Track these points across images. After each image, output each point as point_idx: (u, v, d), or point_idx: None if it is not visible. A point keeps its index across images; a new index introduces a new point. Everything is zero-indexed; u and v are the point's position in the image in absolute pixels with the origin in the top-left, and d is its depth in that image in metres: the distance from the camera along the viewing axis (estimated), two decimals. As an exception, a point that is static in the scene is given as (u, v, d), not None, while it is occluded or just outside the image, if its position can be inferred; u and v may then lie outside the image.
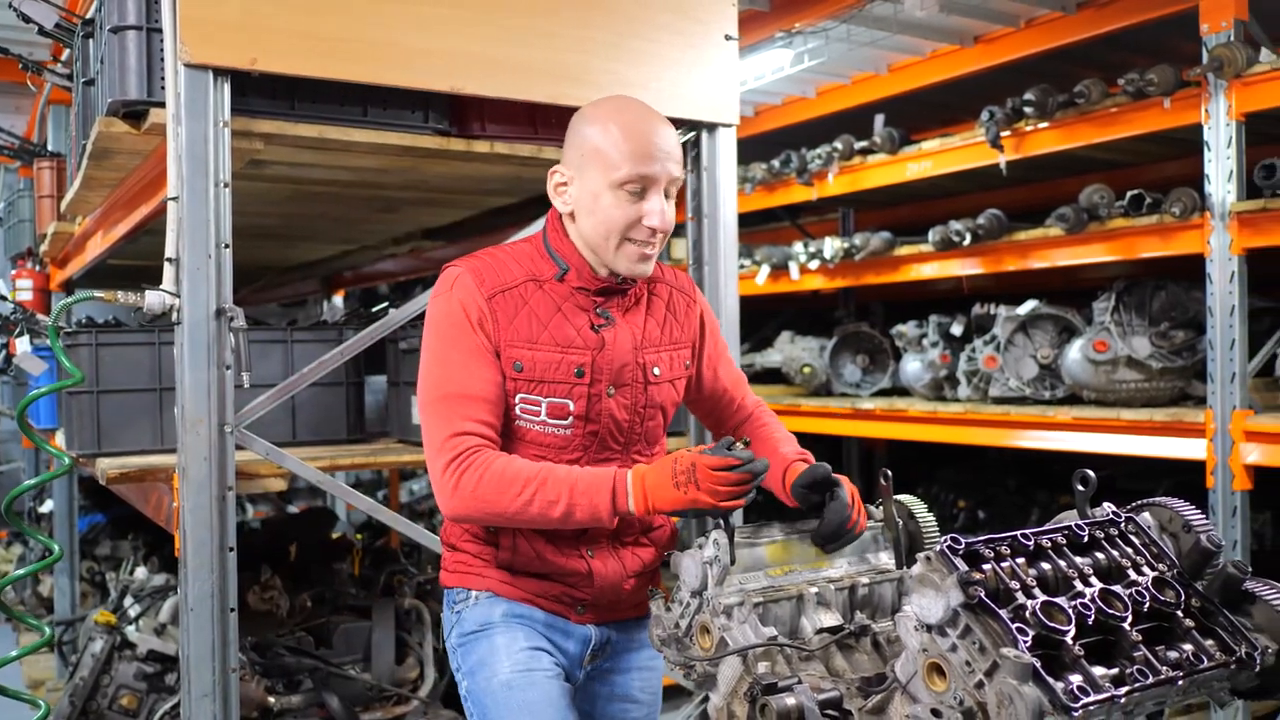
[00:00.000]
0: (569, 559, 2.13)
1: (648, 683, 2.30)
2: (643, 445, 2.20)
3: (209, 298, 2.70)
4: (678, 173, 2.08)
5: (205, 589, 2.71)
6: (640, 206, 2.04)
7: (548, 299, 2.10)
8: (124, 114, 2.79)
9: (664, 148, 2.05)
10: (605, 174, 2.04)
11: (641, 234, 2.05)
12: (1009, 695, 1.35)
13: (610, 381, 2.10)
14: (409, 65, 2.88)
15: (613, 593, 2.17)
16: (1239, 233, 3.86)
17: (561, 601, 2.17)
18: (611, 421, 2.12)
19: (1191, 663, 1.48)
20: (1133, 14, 4.19)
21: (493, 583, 2.17)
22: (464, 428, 2.01)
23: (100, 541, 6.45)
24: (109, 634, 4.28)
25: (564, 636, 2.19)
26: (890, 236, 5.42)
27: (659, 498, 1.91)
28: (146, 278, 2.93)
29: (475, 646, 2.16)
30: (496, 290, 2.07)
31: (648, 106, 2.15)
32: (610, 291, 2.13)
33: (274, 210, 4.20)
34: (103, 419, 3.44)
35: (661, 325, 2.21)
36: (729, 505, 1.87)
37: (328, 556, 4.81)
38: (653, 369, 2.16)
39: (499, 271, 2.10)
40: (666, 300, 2.24)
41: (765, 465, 1.89)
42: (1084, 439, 4.45)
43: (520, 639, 2.13)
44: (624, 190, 2.03)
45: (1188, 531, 1.65)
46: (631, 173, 2.02)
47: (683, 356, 2.24)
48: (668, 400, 2.21)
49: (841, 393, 5.88)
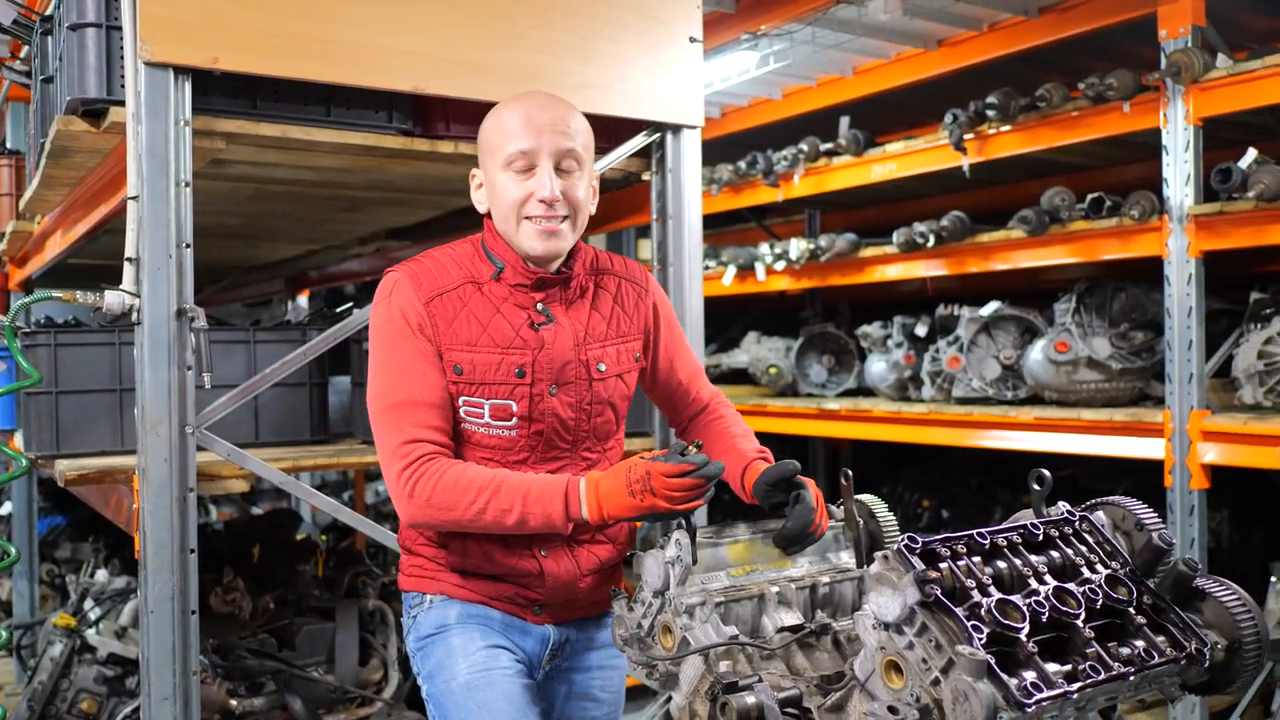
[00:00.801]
0: (520, 559, 2.12)
1: (609, 681, 2.29)
2: (593, 443, 2.17)
3: (170, 298, 2.69)
4: (567, 145, 2.06)
5: (166, 591, 2.69)
6: (529, 182, 2.06)
7: (486, 300, 2.10)
8: (83, 112, 2.77)
9: (544, 121, 2.06)
10: (495, 159, 2.08)
11: (536, 209, 2.05)
12: (964, 692, 1.37)
13: (552, 380, 2.09)
14: (372, 65, 2.87)
15: (567, 592, 2.16)
16: (1196, 235, 3.91)
17: (516, 603, 2.17)
18: (556, 421, 2.10)
19: (1143, 659, 1.50)
20: (1093, 19, 4.24)
21: (447, 586, 2.17)
22: (415, 435, 2.01)
23: (60, 544, 6.37)
24: (69, 637, 4.23)
25: (522, 635, 2.18)
26: (855, 238, 5.45)
27: (614, 505, 1.90)
28: (107, 277, 2.91)
29: (433, 650, 2.16)
30: (434, 294, 2.07)
31: (545, 94, 2.16)
32: (547, 284, 2.12)
33: (237, 210, 4.17)
34: (62, 420, 3.40)
35: (608, 319, 2.19)
36: (686, 509, 1.87)
37: (291, 558, 4.78)
38: (597, 365, 2.14)
39: (437, 275, 2.10)
40: (614, 292, 2.22)
41: (720, 468, 1.89)
42: (1045, 439, 4.49)
43: (477, 639, 2.13)
44: (511, 169, 2.06)
45: (1140, 530, 1.68)
46: (513, 149, 2.05)
47: (631, 349, 2.22)
48: (616, 395, 2.19)
49: (807, 393, 5.90)
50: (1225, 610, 1.59)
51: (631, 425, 3.45)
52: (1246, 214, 3.78)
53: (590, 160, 2.14)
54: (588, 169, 2.13)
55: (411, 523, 2.04)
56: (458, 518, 1.98)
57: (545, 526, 1.96)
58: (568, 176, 2.07)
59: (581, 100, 3.16)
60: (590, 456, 2.17)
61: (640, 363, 2.25)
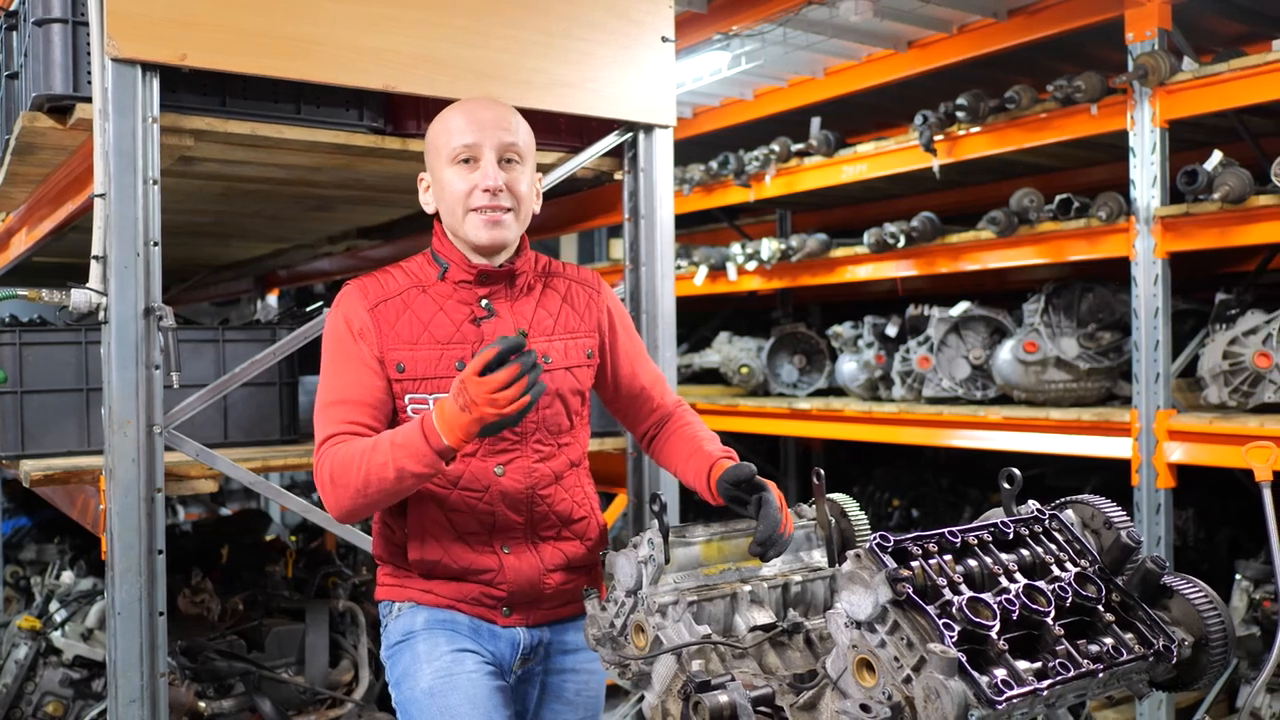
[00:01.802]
0: (480, 554, 2.15)
1: (584, 686, 2.29)
2: (544, 435, 2.18)
3: (137, 296, 2.66)
4: (509, 139, 2.14)
5: (133, 593, 2.67)
6: (474, 175, 2.12)
7: (430, 301, 2.16)
8: (49, 108, 2.74)
9: (487, 118, 2.14)
10: (441, 156, 2.15)
11: (480, 199, 2.12)
12: (935, 689, 1.38)
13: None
14: (343, 63, 2.86)
15: (530, 589, 2.17)
16: (1163, 236, 3.95)
17: (482, 604, 2.17)
18: None
19: (1111, 656, 1.51)
20: (1062, 22, 4.27)
21: (414, 593, 2.19)
22: (337, 429, 2.06)
23: (25, 545, 6.29)
24: (34, 640, 4.19)
25: (492, 639, 2.19)
26: (826, 238, 5.47)
27: (455, 425, 1.90)
28: (73, 275, 2.88)
29: (400, 657, 2.18)
30: (379, 300, 2.14)
31: (486, 97, 2.26)
32: (492, 279, 2.17)
33: (205, 208, 4.14)
34: (27, 420, 3.36)
35: (555, 315, 2.23)
36: (513, 410, 1.85)
37: (261, 559, 4.74)
38: (542, 356, 2.14)
39: (384, 284, 2.18)
40: (564, 292, 2.27)
41: (522, 338, 1.88)
42: (1014, 438, 4.52)
43: (442, 644, 2.14)
44: (456, 164, 2.13)
45: (1109, 528, 1.69)
46: (457, 144, 2.12)
47: (582, 345, 2.25)
48: (565, 388, 2.20)
49: (779, 393, 5.92)
50: (1192, 608, 1.61)
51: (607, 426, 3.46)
52: (1212, 215, 3.82)
53: (532, 159, 2.22)
54: (530, 166, 2.20)
55: (333, 511, 2.05)
56: (355, 489, 1.98)
57: (420, 466, 1.94)
58: (511, 169, 2.15)
59: (553, 99, 3.18)
60: (543, 449, 2.19)
61: (593, 360, 2.27)
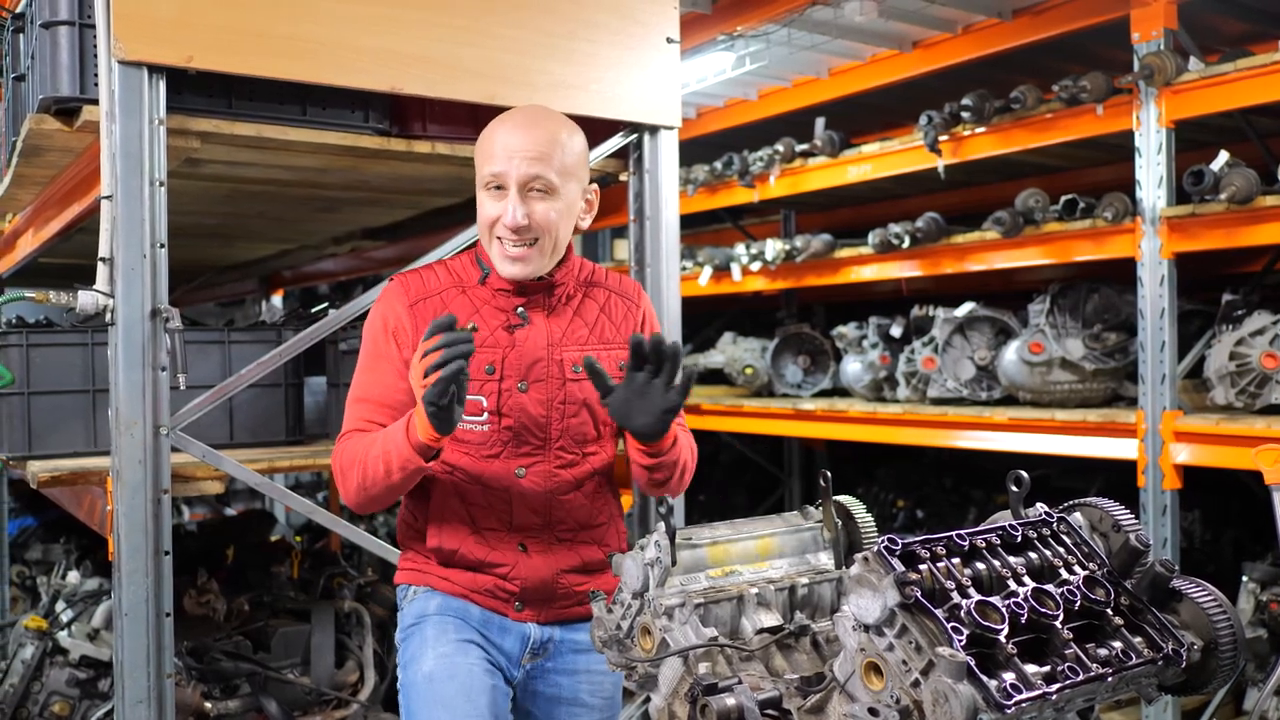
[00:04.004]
0: (496, 549, 2.17)
1: (599, 687, 2.29)
2: (568, 443, 2.20)
3: (144, 298, 2.66)
4: (536, 170, 2.09)
5: (140, 594, 2.67)
6: (500, 204, 2.11)
7: (469, 302, 2.18)
8: (56, 111, 2.74)
9: (515, 145, 2.09)
10: (479, 175, 2.16)
11: (503, 232, 2.12)
12: (944, 693, 1.37)
13: (520, 377, 2.15)
14: (349, 64, 2.86)
15: (543, 587, 2.20)
16: (1169, 237, 3.95)
17: (496, 596, 2.19)
18: (526, 416, 2.16)
19: (1121, 660, 1.51)
20: (1067, 22, 4.26)
21: (431, 578, 2.22)
22: (353, 426, 2.14)
23: (31, 545, 6.30)
24: (40, 640, 4.19)
25: (501, 633, 2.20)
26: (831, 239, 5.46)
27: (420, 418, 1.95)
28: (79, 276, 2.88)
29: (410, 641, 2.21)
30: (419, 298, 2.17)
31: (539, 111, 2.21)
32: (530, 290, 2.18)
33: (211, 209, 4.14)
34: (34, 421, 3.37)
35: (591, 326, 2.24)
36: (430, 381, 1.88)
37: (266, 559, 4.75)
38: (572, 366, 2.18)
39: (426, 280, 2.20)
40: (602, 303, 2.28)
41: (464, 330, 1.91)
42: (1019, 439, 4.52)
43: (450, 631, 2.17)
44: (487, 190, 2.13)
45: (1117, 531, 1.69)
46: (486, 171, 2.12)
47: (615, 357, 2.25)
48: (592, 397, 2.20)
49: (783, 393, 5.92)
50: (1201, 611, 1.60)
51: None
52: (1218, 216, 3.81)
53: (575, 179, 2.16)
54: (567, 189, 2.14)
55: (346, 501, 2.12)
56: (357, 484, 2.07)
57: (404, 459, 2.00)
58: (539, 199, 2.11)
59: (558, 100, 3.17)
60: (567, 456, 2.21)
61: (624, 372, 2.25)
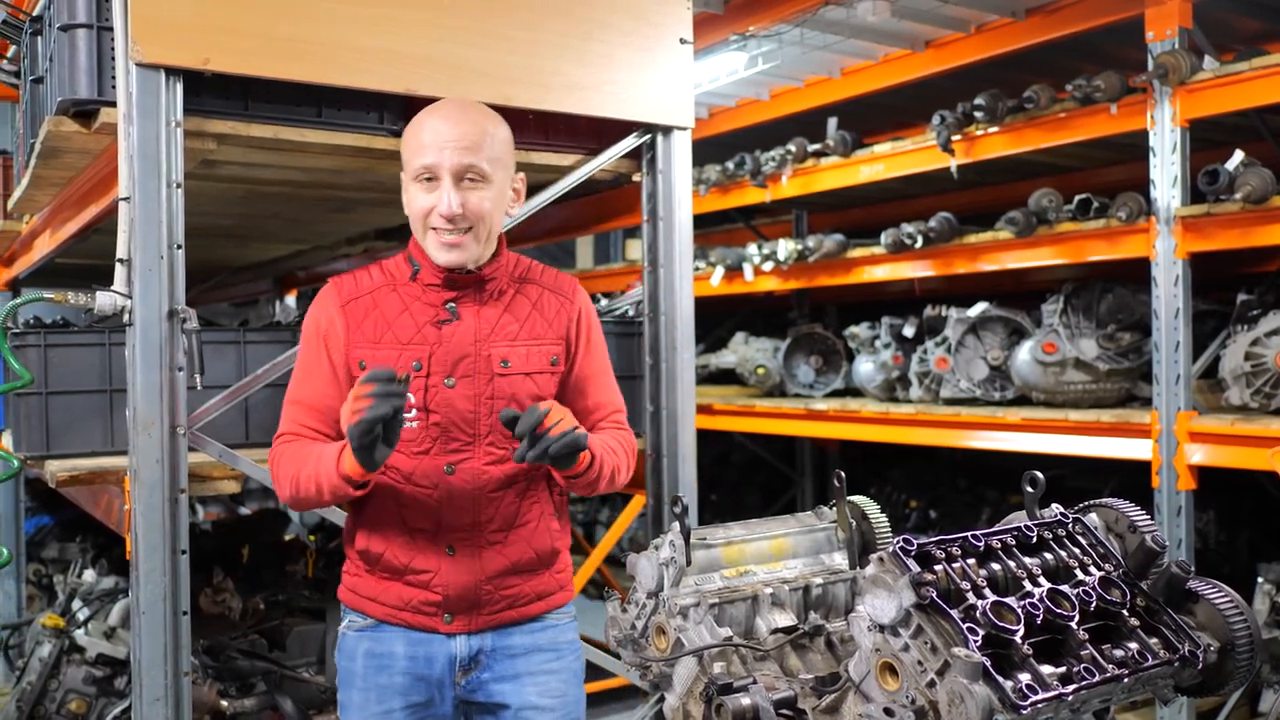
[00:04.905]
0: (422, 553, 2.20)
1: (546, 688, 2.28)
2: (498, 439, 2.20)
3: (161, 299, 2.68)
4: (468, 160, 2.13)
5: (157, 592, 2.69)
6: (433, 195, 2.14)
7: (399, 300, 2.20)
8: (74, 113, 2.77)
9: (447, 137, 2.13)
10: (408, 169, 2.18)
11: (437, 222, 2.14)
12: (960, 694, 1.38)
13: (447, 373, 2.17)
14: (363, 66, 2.87)
15: (468, 593, 2.21)
16: (1183, 237, 3.94)
17: (424, 612, 2.21)
18: (453, 412, 2.17)
19: (1137, 661, 1.51)
20: (1081, 21, 4.26)
21: (361, 599, 2.26)
22: (286, 429, 2.20)
23: (48, 544, 6.34)
24: (57, 638, 4.22)
25: (428, 664, 2.23)
26: (843, 239, 5.46)
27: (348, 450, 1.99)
28: (95, 276, 2.90)
29: (341, 687, 2.30)
30: (351, 298, 2.21)
31: (465, 102, 2.26)
32: (460, 283, 2.20)
33: (227, 210, 4.16)
34: (52, 420, 3.38)
35: (522, 321, 2.25)
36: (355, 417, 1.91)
37: (281, 559, 4.77)
38: (501, 361, 2.20)
39: (359, 281, 2.23)
40: (535, 300, 2.29)
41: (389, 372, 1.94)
42: (1033, 439, 4.51)
43: (372, 702, 2.22)
44: (418, 182, 2.15)
45: (1133, 532, 1.69)
46: (417, 164, 2.14)
47: (546, 352, 2.26)
48: (524, 393, 2.21)
49: (795, 393, 5.92)
50: (1218, 613, 1.60)
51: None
52: (1233, 215, 3.80)
53: (504, 168, 2.20)
54: (498, 178, 2.18)
55: (283, 501, 2.19)
56: (289, 493, 2.14)
57: (330, 484, 2.06)
58: (472, 189, 2.14)
59: (572, 102, 3.18)
60: (497, 452, 2.21)
61: (557, 367, 2.28)
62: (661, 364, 3.47)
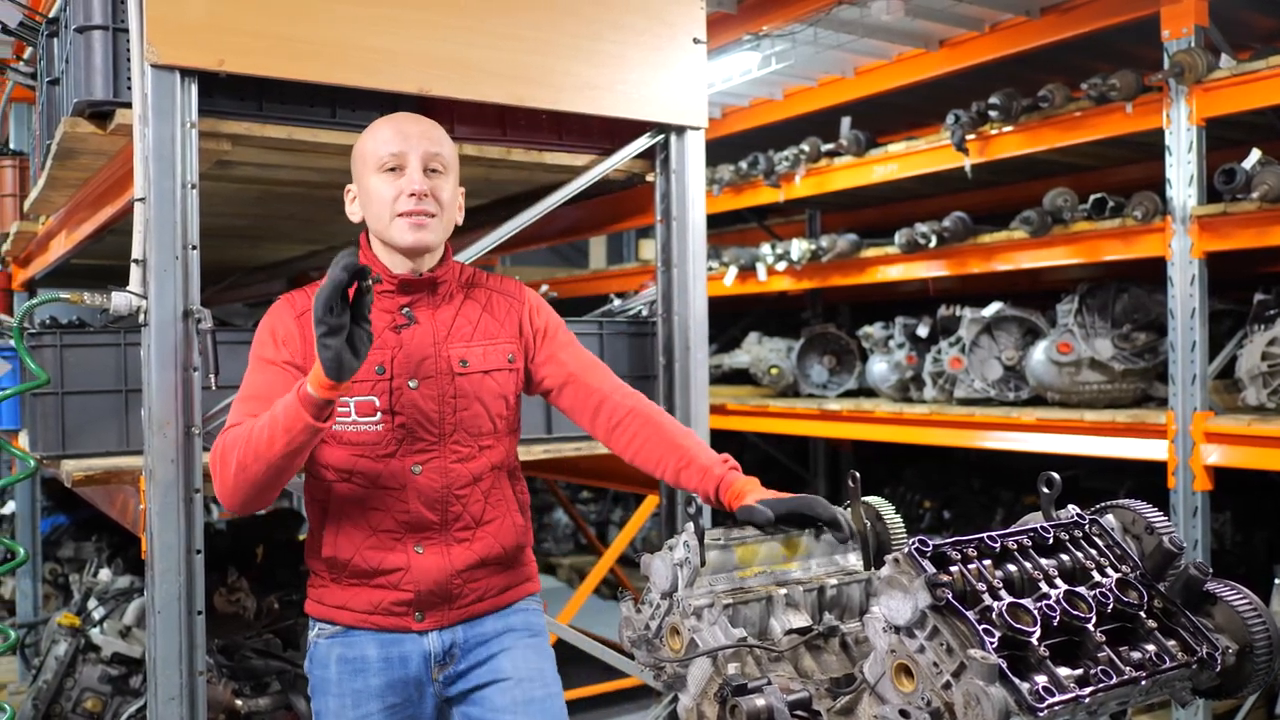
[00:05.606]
0: (391, 553, 2.21)
1: (524, 660, 2.31)
2: (463, 436, 2.23)
3: (176, 299, 2.69)
4: (434, 149, 2.22)
5: (172, 592, 2.69)
6: (400, 181, 2.19)
7: None
8: (90, 114, 2.77)
9: (413, 130, 2.23)
10: (368, 166, 2.23)
11: (406, 204, 2.18)
12: (976, 696, 1.37)
13: (410, 375, 2.20)
14: (377, 67, 2.88)
15: (438, 589, 2.23)
16: (1200, 236, 3.92)
17: (394, 613, 2.23)
18: (418, 413, 2.20)
19: (1154, 663, 1.50)
20: (1096, 19, 4.24)
21: (330, 610, 2.26)
22: (236, 420, 2.12)
23: (63, 543, 6.37)
24: (73, 637, 4.23)
25: (402, 660, 2.24)
26: (857, 238, 5.45)
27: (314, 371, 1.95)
28: (110, 277, 2.91)
29: (316, 695, 2.28)
30: (305, 309, 2.20)
31: (412, 114, 2.34)
32: (414, 288, 2.23)
33: (242, 211, 4.17)
34: (67, 420, 3.39)
35: (475, 323, 2.29)
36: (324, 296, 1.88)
37: (295, 558, 4.77)
38: (459, 361, 2.23)
39: (310, 295, 2.22)
40: (484, 302, 2.33)
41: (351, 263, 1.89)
42: (1048, 440, 4.50)
43: (349, 707, 2.22)
44: (383, 173, 2.20)
45: (1150, 533, 1.68)
46: (384, 154, 2.20)
47: (502, 351, 2.29)
48: (486, 392, 2.25)
49: (809, 394, 5.91)
50: (1236, 614, 1.59)
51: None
52: (1250, 215, 3.78)
53: (455, 173, 2.28)
54: (452, 178, 2.27)
55: (221, 495, 2.09)
56: (239, 459, 2.02)
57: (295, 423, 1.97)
58: (435, 178, 2.22)
59: (585, 101, 3.18)
60: (462, 450, 2.24)
61: (515, 364, 2.31)
62: (675, 364, 3.47)
